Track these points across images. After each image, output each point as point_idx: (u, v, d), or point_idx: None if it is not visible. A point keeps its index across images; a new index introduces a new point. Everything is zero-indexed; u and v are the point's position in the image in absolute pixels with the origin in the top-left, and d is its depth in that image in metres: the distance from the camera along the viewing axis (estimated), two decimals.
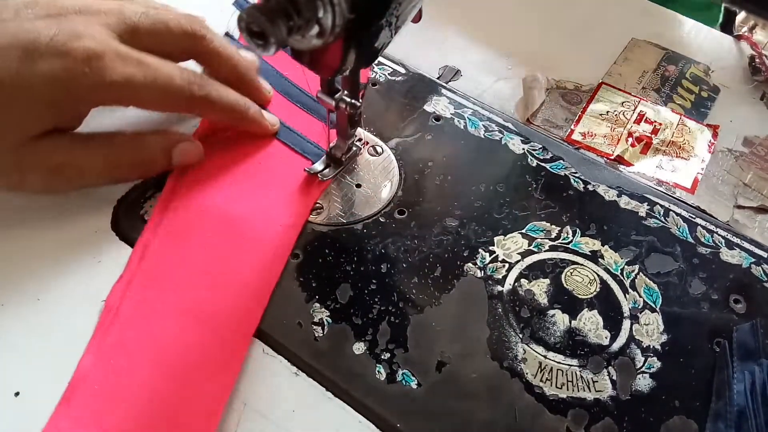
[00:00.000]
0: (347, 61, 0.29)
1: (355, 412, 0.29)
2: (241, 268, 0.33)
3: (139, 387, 0.28)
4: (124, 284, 0.31)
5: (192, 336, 0.30)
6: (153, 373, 0.29)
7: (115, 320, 0.30)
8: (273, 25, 0.22)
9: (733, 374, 0.31)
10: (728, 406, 0.29)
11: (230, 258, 0.33)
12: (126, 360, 0.29)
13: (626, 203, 0.39)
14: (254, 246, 0.34)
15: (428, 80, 0.46)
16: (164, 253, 0.33)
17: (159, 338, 0.30)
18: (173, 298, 0.31)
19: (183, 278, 0.32)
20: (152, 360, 0.29)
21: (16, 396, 0.28)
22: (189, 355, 0.29)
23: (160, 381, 0.28)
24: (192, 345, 0.30)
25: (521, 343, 0.32)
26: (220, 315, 0.31)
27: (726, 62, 0.52)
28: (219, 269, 0.33)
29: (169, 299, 0.31)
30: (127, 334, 0.30)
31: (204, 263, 0.33)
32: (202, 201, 0.35)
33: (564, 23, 0.54)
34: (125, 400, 0.28)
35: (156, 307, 0.31)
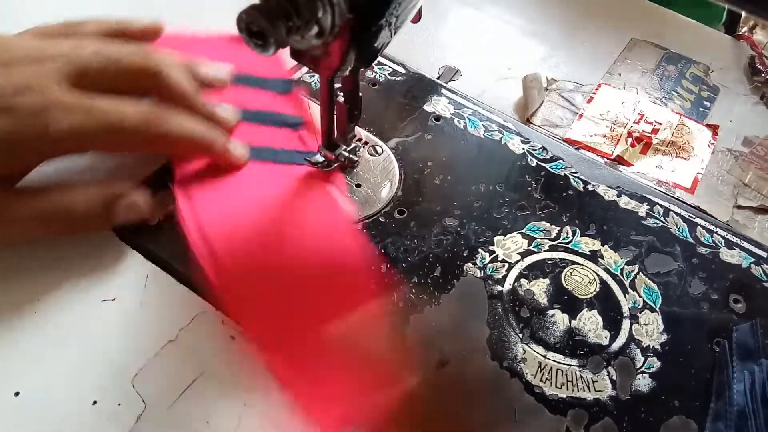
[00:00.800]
0: (347, 61, 0.29)
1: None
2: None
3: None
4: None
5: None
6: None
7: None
8: (272, 26, 0.22)
9: (732, 374, 0.31)
10: (728, 407, 0.29)
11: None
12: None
13: (626, 203, 0.39)
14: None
15: (428, 80, 0.46)
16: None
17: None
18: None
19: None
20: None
21: (16, 396, 0.28)
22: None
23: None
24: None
25: (521, 342, 0.32)
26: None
27: (726, 62, 0.52)
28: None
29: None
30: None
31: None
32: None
33: (564, 23, 0.54)
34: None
35: None
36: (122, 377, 0.29)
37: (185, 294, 0.33)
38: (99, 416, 0.28)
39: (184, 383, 0.29)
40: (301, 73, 0.45)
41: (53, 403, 0.28)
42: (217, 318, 0.32)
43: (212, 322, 0.32)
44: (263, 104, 0.40)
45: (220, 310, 0.32)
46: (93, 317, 0.31)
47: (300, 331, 0.31)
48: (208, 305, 0.32)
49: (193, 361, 0.30)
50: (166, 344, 0.31)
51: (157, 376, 0.30)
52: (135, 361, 0.30)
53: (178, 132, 0.33)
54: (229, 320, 0.32)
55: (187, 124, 0.33)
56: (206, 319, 0.32)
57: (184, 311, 0.32)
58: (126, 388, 0.29)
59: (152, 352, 0.30)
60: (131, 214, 0.33)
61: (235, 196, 0.35)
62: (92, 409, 0.28)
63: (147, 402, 0.29)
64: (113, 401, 0.29)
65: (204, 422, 0.28)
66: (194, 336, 0.31)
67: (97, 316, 0.31)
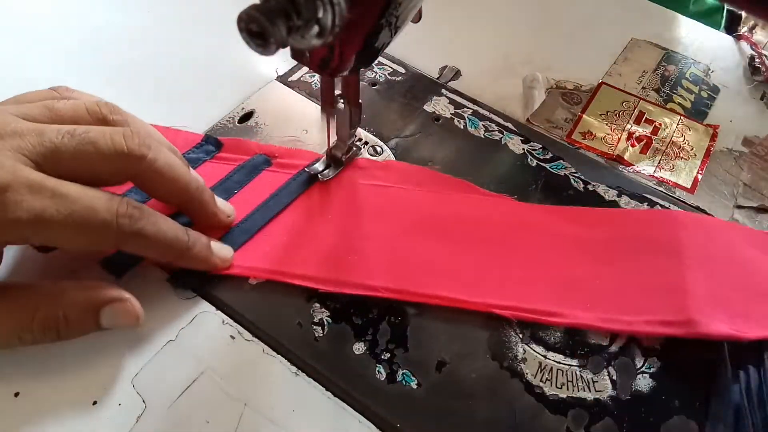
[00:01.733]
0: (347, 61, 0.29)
1: (355, 411, 0.29)
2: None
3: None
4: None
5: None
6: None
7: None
8: (273, 26, 0.22)
9: (728, 374, 0.31)
10: (726, 409, 0.29)
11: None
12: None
13: (626, 203, 0.39)
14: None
15: (428, 80, 0.46)
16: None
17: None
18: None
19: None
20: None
21: (16, 396, 0.28)
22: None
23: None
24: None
25: (521, 343, 0.32)
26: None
27: (726, 62, 0.52)
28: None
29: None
30: None
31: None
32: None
33: (564, 23, 0.54)
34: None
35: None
36: (122, 377, 0.29)
37: (185, 294, 0.33)
38: (99, 416, 0.28)
39: (184, 383, 0.29)
40: (301, 73, 0.45)
41: (53, 403, 0.28)
42: (217, 318, 0.32)
43: (212, 322, 0.32)
44: (220, 171, 0.38)
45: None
46: None
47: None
48: (208, 305, 0.32)
49: (193, 361, 0.30)
50: (166, 344, 0.31)
51: (157, 376, 0.30)
52: (135, 361, 0.30)
53: (152, 232, 0.29)
54: (229, 320, 0.32)
55: (165, 223, 0.30)
56: (206, 319, 0.32)
57: (184, 311, 0.32)
58: (126, 388, 0.29)
59: (152, 352, 0.30)
60: (119, 322, 0.29)
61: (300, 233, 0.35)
62: (92, 409, 0.28)
63: (147, 402, 0.29)
64: (113, 401, 0.29)
65: (204, 422, 0.28)
66: (194, 336, 0.31)
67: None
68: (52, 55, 0.34)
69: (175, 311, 0.32)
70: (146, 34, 0.47)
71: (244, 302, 0.32)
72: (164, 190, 0.31)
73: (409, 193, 0.38)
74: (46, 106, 0.29)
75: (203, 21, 0.49)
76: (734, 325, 0.32)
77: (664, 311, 0.33)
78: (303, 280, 0.33)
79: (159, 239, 0.29)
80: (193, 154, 0.38)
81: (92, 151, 0.28)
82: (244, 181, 0.37)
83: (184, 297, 0.32)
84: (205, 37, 0.47)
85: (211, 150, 0.39)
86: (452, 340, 0.32)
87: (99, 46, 0.45)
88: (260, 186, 0.37)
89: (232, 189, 0.37)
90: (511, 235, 0.36)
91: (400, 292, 0.33)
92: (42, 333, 0.28)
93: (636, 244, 0.36)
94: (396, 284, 0.33)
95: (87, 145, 0.28)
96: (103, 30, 0.46)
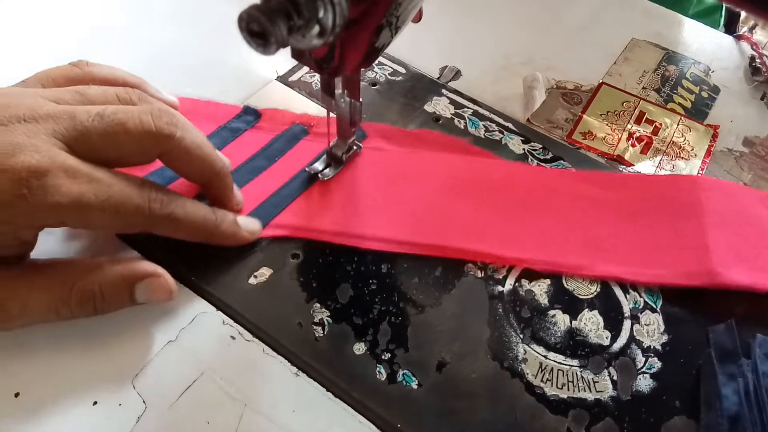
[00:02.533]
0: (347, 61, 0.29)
1: (356, 412, 0.29)
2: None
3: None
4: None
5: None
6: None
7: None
8: (273, 25, 0.22)
9: (718, 381, 0.30)
10: (720, 418, 0.29)
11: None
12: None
13: None
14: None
15: (428, 80, 0.46)
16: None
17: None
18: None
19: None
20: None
21: (16, 396, 0.28)
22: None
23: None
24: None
25: (522, 343, 0.32)
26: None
27: (726, 62, 0.52)
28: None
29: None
30: None
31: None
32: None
33: (564, 23, 0.54)
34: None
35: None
36: (122, 377, 0.29)
37: (185, 294, 0.33)
38: (99, 416, 0.28)
39: (184, 383, 0.29)
40: (301, 73, 0.45)
41: (53, 403, 0.28)
42: (217, 318, 0.32)
43: (212, 322, 0.32)
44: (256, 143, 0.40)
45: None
46: (93, 317, 0.31)
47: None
48: (208, 305, 0.32)
49: (193, 361, 0.30)
50: (166, 344, 0.31)
51: (157, 376, 0.30)
52: (135, 361, 0.30)
53: (182, 214, 0.30)
54: (230, 320, 0.32)
55: (192, 206, 0.31)
56: (206, 319, 0.32)
57: (184, 311, 0.32)
58: (126, 388, 0.29)
59: (152, 352, 0.30)
60: (153, 297, 0.30)
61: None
62: (92, 409, 0.28)
63: (147, 402, 0.29)
64: (113, 401, 0.29)
65: (204, 422, 0.28)
66: (194, 336, 0.31)
67: (97, 317, 0.31)
68: (50, 57, 0.34)
69: (175, 311, 0.32)
70: (146, 34, 0.47)
71: (244, 302, 0.32)
72: (191, 168, 0.32)
73: (437, 156, 0.40)
74: (78, 91, 0.30)
75: (203, 21, 0.49)
76: (754, 278, 0.34)
77: (687, 264, 0.34)
78: (335, 237, 0.35)
79: (189, 220, 0.31)
80: (233, 124, 0.40)
81: (121, 131, 0.28)
82: (285, 149, 0.39)
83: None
84: (205, 37, 0.47)
85: (250, 120, 0.41)
86: (452, 340, 0.32)
87: (97, 46, 0.45)
88: (299, 154, 0.39)
89: (273, 156, 0.39)
90: (537, 196, 0.38)
91: (434, 248, 0.35)
92: (79, 307, 0.29)
93: (657, 204, 0.38)
94: (429, 240, 0.35)
95: (116, 126, 0.28)
96: (103, 30, 0.46)
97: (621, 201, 0.38)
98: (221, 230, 0.32)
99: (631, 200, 0.38)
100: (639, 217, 0.37)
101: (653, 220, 0.37)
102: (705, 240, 0.35)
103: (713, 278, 0.33)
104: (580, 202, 0.38)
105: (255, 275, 0.33)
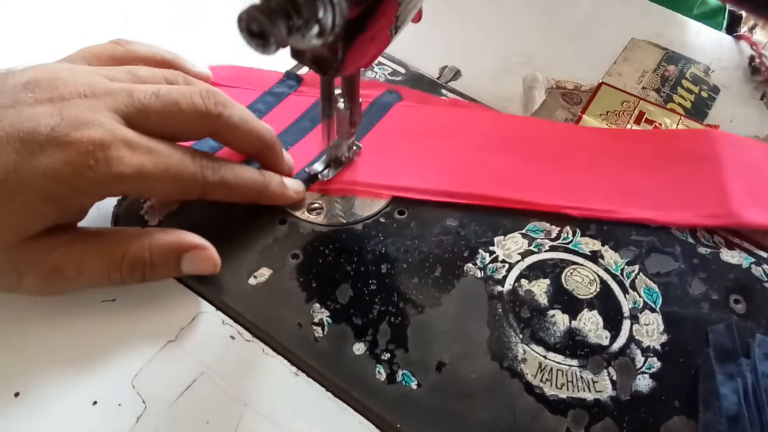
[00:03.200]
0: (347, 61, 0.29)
1: (355, 412, 0.29)
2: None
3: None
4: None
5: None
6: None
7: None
8: (273, 25, 0.22)
9: (716, 381, 0.30)
10: (719, 417, 0.29)
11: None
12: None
13: None
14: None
15: (428, 80, 0.46)
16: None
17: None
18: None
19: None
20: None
21: (16, 396, 0.28)
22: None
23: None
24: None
25: (521, 343, 0.32)
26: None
27: (726, 62, 0.52)
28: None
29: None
30: None
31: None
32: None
33: (564, 23, 0.54)
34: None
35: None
36: (122, 377, 0.29)
37: (185, 294, 0.33)
38: (99, 416, 0.28)
39: (184, 383, 0.29)
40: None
41: (53, 403, 0.28)
42: (217, 318, 0.32)
43: (212, 322, 0.32)
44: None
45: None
46: (93, 317, 0.31)
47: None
48: (208, 305, 0.32)
49: (192, 360, 0.30)
50: (166, 344, 0.31)
51: (157, 376, 0.30)
52: (135, 361, 0.30)
53: (232, 178, 0.32)
54: (229, 320, 0.32)
55: (240, 170, 0.33)
56: (206, 319, 0.32)
57: (184, 311, 0.32)
58: (126, 388, 0.29)
59: (152, 352, 0.30)
60: (198, 268, 0.32)
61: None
62: (92, 409, 0.28)
63: (147, 402, 0.29)
64: (113, 401, 0.29)
65: (204, 422, 0.28)
66: (194, 336, 0.31)
67: (97, 316, 0.31)
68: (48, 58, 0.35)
69: (175, 311, 0.32)
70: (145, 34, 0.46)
71: (244, 302, 0.32)
72: (241, 141, 0.34)
73: (473, 113, 0.43)
74: (129, 71, 0.32)
75: (203, 21, 0.49)
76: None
77: (710, 207, 0.38)
78: (382, 189, 0.38)
79: (239, 184, 0.33)
80: (276, 89, 0.43)
81: (176, 110, 0.30)
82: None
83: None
84: (205, 37, 0.46)
85: (293, 84, 0.43)
86: (452, 341, 0.32)
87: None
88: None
89: (317, 118, 0.40)
90: (568, 149, 0.41)
91: (475, 197, 0.38)
92: (129, 273, 0.30)
93: (679, 155, 0.41)
94: (471, 190, 0.38)
95: (171, 105, 0.30)
96: (101, 30, 0.46)
97: (645, 153, 0.41)
98: (270, 190, 0.35)
99: (655, 152, 0.41)
100: (663, 167, 0.40)
101: (676, 169, 0.40)
102: (724, 186, 0.38)
103: (735, 219, 0.37)
104: (608, 154, 0.41)
105: (255, 275, 0.33)
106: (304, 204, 0.37)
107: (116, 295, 0.32)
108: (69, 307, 0.31)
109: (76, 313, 0.31)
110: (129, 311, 0.32)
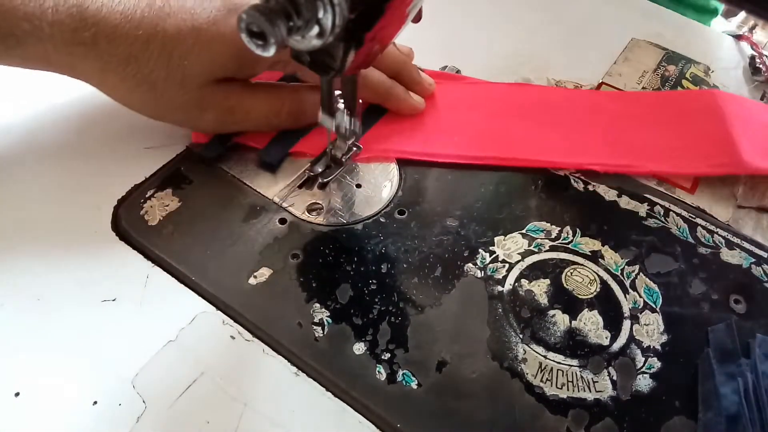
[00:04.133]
0: (347, 62, 0.28)
1: (355, 412, 0.29)
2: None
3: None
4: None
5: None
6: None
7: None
8: (273, 26, 0.22)
9: (716, 381, 0.30)
10: (719, 417, 0.29)
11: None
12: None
13: (626, 203, 0.39)
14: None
15: None
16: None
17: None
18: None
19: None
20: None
21: (16, 396, 0.28)
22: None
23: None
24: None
25: (521, 343, 0.32)
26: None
27: (726, 62, 0.52)
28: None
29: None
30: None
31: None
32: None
33: (564, 23, 0.54)
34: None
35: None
36: (122, 377, 0.29)
37: (185, 294, 0.33)
38: (99, 416, 0.28)
39: (184, 383, 0.29)
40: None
41: (53, 403, 0.28)
42: (217, 318, 0.32)
43: (212, 322, 0.32)
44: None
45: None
46: (93, 317, 0.31)
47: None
48: (208, 305, 0.32)
49: (193, 361, 0.30)
50: (166, 344, 0.31)
51: (157, 376, 0.30)
52: (135, 361, 0.30)
53: (369, 77, 0.39)
54: (229, 320, 0.32)
55: (370, 72, 0.39)
56: (206, 319, 0.32)
57: (184, 311, 0.32)
58: (126, 388, 0.29)
59: (152, 352, 0.30)
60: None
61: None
62: (92, 409, 0.28)
63: (147, 402, 0.29)
64: (113, 401, 0.29)
65: (204, 422, 0.28)
66: (194, 336, 0.31)
67: (97, 316, 0.31)
68: None
69: (175, 311, 0.32)
70: None
71: (244, 302, 0.32)
72: (384, 60, 0.40)
73: (493, 86, 0.46)
74: None
75: None
76: None
77: (719, 156, 0.41)
78: (423, 156, 0.40)
79: (370, 82, 0.39)
80: None
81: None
82: None
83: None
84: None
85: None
86: (452, 340, 0.32)
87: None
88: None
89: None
90: (581, 113, 0.44)
91: (500, 159, 0.40)
92: (286, 119, 0.38)
93: (687, 113, 0.44)
94: (500, 153, 0.41)
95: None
96: None
97: (656, 113, 0.45)
98: (395, 92, 0.41)
99: (664, 112, 0.45)
100: (673, 124, 0.43)
101: (685, 126, 0.43)
102: (731, 138, 0.42)
103: (744, 166, 0.40)
104: (622, 117, 0.44)
105: (255, 275, 0.33)
106: (305, 203, 0.37)
107: (116, 295, 0.32)
108: (69, 307, 0.31)
109: (76, 313, 0.31)
110: (129, 311, 0.32)
